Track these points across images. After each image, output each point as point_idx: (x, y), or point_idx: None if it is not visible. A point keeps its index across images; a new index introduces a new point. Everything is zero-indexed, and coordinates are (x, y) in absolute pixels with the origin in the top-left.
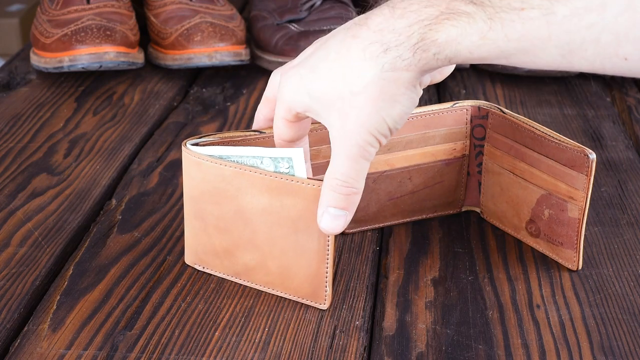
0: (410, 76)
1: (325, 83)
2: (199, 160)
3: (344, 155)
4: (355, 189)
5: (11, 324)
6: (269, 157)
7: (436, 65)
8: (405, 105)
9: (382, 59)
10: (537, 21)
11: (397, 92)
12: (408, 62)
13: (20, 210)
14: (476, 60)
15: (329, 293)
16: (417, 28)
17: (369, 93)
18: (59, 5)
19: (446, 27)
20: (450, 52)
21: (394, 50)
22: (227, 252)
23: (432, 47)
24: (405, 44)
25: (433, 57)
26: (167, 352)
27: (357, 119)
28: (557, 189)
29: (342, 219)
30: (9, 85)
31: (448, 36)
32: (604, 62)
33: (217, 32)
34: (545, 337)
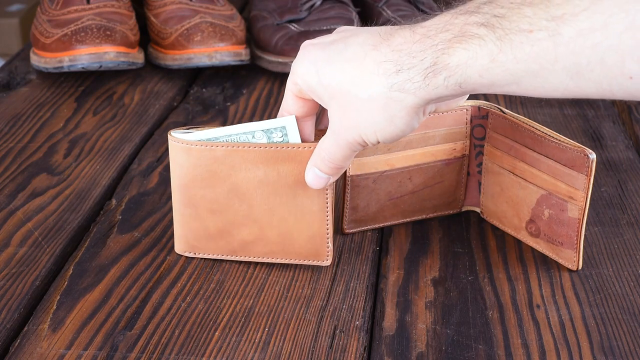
0: (415, 102)
1: (335, 76)
2: (188, 146)
3: (334, 141)
4: (339, 167)
5: (11, 324)
6: (261, 130)
7: (445, 93)
8: (400, 129)
9: (392, 78)
10: (545, 42)
11: (397, 115)
12: (417, 85)
13: (20, 210)
14: (486, 85)
15: (331, 249)
16: (431, 52)
17: (370, 105)
18: (59, 5)
19: (458, 51)
20: (461, 77)
21: (405, 72)
22: (222, 232)
23: (443, 71)
24: (418, 67)
25: (443, 82)
26: (167, 352)
27: (353, 121)
28: (557, 189)
29: (323, 180)
30: (9, 85)
31: (459, 60)
32: (611, 83)
33: (217, 32)
34: (545, 337)
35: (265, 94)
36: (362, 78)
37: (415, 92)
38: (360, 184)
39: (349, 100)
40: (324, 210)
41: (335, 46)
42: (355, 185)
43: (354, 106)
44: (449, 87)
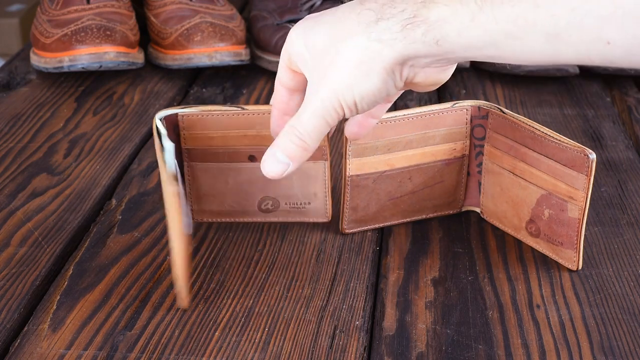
0: (392, 55)
1: (320, 35)
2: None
3: (310, 109)
4: (307, 145)
5: (11, 324)
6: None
7: (422, 50)
8: (375, 86)
9: (371, 27)
10: (525, 4)
11: (374, 68)
12: (395, 36)
13: (20, 210)
14: (464, 46)
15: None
16: (412, 3)
17: (348, 57)
18: (59, 5)
19: (439, 6)
20: (439, 33)
21: (385, 22)
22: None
23: (422, 25)
24: (397, 17)
25: (420, 37)
26: (167, 352)
27: (331, 79)
28: (557, 189)
29: (282, 166)
30: (9, 85)
31: (439, 15)
32: (589, 48)
33: (217, 32)
34: (545, 337)
35: (265, 94)
36: (343, 29)
37: (392, 44)
38: (360, 184)
39: (329, 56)
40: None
41: (327, 10)
42: (355, 185)
43: (333, 61)
44: (426, 42)
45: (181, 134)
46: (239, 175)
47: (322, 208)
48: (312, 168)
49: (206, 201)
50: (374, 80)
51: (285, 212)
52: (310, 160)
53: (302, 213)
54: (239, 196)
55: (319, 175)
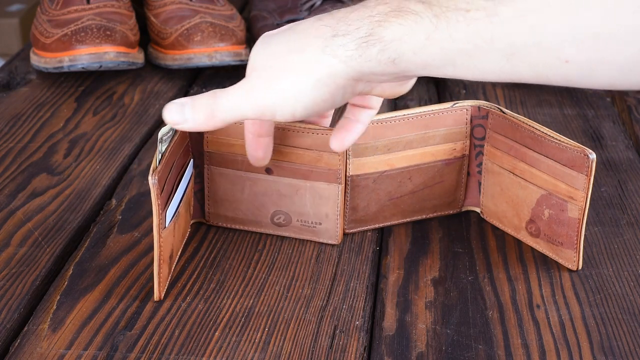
0: (345, 71)
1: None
2: None
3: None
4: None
5: (11, 324)
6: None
7: (377, 68)
8: (321, 98)
9: (327, 41)
10: (481, 22)
11: (323, 81)
12: (350, 53)
13: (20, 210)
14: (420, 65)
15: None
16: (367, 22)
17: (299, 67)
18: (59, 5)
19: (393, 25)
20: (395, 52)
21: (340, 38)
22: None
23: (378, 44)
24: (352, 35)
25: (376, 56)
26: (167, 352)
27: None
28: (557, 189)
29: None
30: (9, 85)
31: (394, 34)
32: (547, 67)
33: (217, 32)
34: (545, 337)
35: None
36: (300, 41)
37: (346, 60)
38: (360, 184)
39: (278, 62)
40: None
41: (288, 26)
42: (355, 185)
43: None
44: (382, 61)
45: (204, 136)
46: (254, 185)
47: (332, 230)
48: (326, 189)
49: (222, 206)
50: (321, 92)
51: (296, 229)
52: (323, 182)
53: (312, 232)
54: (253, 206)
55: (331, 197)
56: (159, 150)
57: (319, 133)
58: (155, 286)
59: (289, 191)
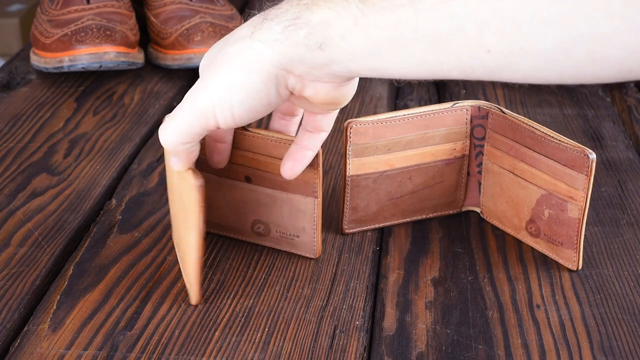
0: (273, 57)
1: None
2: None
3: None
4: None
5: (11, 324)
6: None
7: (305, 55)
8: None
9: (257, 27)
10: (406, 9)
11: (254, 68)
12: (276, 37)
13: (20, 210)
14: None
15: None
16: (295, 5)
17: (232, 58)
18: (59, 5)
19: (322, 9)
20: (321, 36)
21: (268, 22)
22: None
23: (305, 27)
24: (280, 17)
25: (303, 40)
26: (167, 352)
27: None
28: (557, 189)
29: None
30: (9, 85)
31: (322, 17)
32: (471, 56)
33: (217, 32)
34: (545, 337)
35: None
36: (234, 35)
37: (274, 45)
38: (360, 184)
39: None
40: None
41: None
42: (355, 185)
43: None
44: (310, 46)
45: None
46: (235, 192)
47: (310, 243)
48: (302, 203)
49: (210, 212)
50: (254, 80)
51: (276, 239)
52: (300, 195)
53: (291, 244)
54: (234, 213)
55: (307, 210)
56: None
57: None
58: (196, 290)
59: (268, 201)
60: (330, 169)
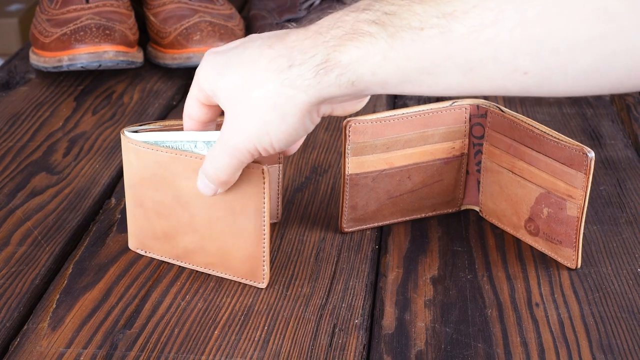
0: (306, 100)
1: (231, 79)
2: (137, 147)
3: (222, 149)
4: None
5: (11, 322)
6: (202, 141)
7: (337, 92)
8: (292, 127)
9: (284, 74)
10: (436, 39)
11: (289, 112)
12: (308, 82)
13: (20, 209)
14: (379, 84)
15: (267, 272)
16: (322, 49)
17: (262, 103)
18: (58, 5)
19: (349, 48)
20: (353, 75)
21: (297, 68)
22: (167, 236)
23: (335, 69)
24: (309, 63)
25: (335, 81)
26: (167, 350)
27: (244, 123)
28: (556, 188)
29: (211, 189)
30: (8, 84)
31: (351, 57)
32: (506, 80)
33: (216, 32)
34: (544, 336)
35: None
36: (255, 76)
37: (306, 89)
38: (360, 183)
39: (241, 101)
40: (261, 231)
41: (235, 51)
42: (355, 184)
43: (246, 106)
44: (342, 85)
45: None
46: None
47: (273, 210)
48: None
49: None
50: (290, 122)
51: None
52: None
53: None
54: None
55: (273, 179)
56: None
57: None
58: (267, 271)
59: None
60: (329, 168)
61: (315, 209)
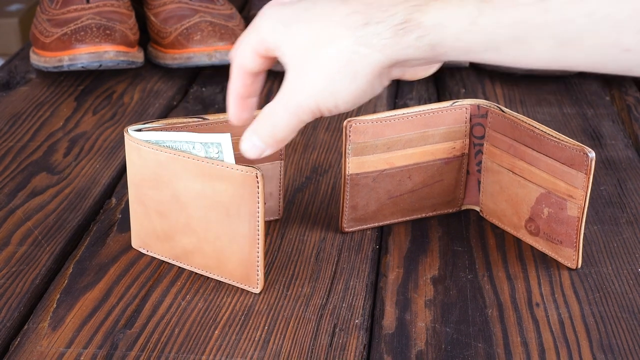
0: (381, 60)
1: (300, 33)
2: (138, 146)
3: (283, 105)
4: (280, 138)
5: (11, 322)
6: (200, 143)
7: (415, 55)
8: (361, 89)
9: (359, 31)
10: (533, 7)
11: (360, 72)
12: (385, 42)
13: (20, 209)
14: (462, 50)
15: (261, 277)
16: (403, 8)
17: (333, 61)
18: (59, 5)
19: (433, 9)
20: (435, 38)
21: (373, 26)
22: (167, 236)
23: (416, 30)
24: (387, 22)
25: (414, 42)
26: (167, 350)
27: (311, 81)
28: (557, 188)
29: (258, 150)
30: (8, 84)
31: (435, 19)
32: (605, 55)
33: (216, 32)
34: (545, 336)
35: (264, 93)
36: (327, 31)
37: (382, 49)
38: (360, 183)
39: (311, 57)
40: (255, 236)
41: (303, 5)
42: (355, 184)
43: (315, 63)
44: (421, 48)
45: None
46: None
47: (275, 206)
48: (270, 169)
49: None
50: (360, 84)
51: None
52: (268, 162)
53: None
54: None
55: (275, 175)
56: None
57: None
58: (261, 276)
59: None
60: (329, 168)
61: (316, 208)
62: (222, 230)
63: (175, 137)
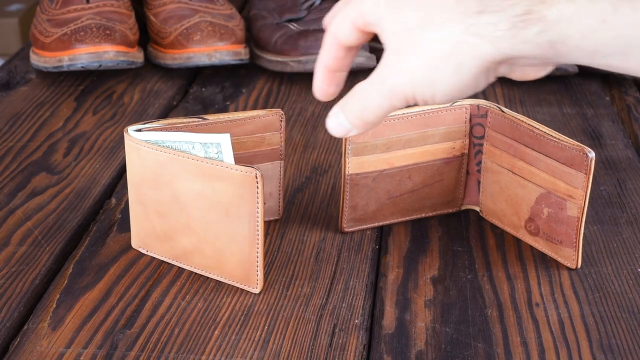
0: (491, 53)
1: (405, 13)
2: (138, 146)
3: (377, 86)
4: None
5: (11, 322)
6: (199, 143)
7: (531, 52)
8: (464, 82)
9: (472, 19)
10: None
11: (466, 64)
12: (500, 34)
13: (20, 209)
14: (586, 51)
15: (260, 277)
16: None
17: (437, 47)
18: (59, 5)
19: (560, 3)
20: (558, 34)
21: (488, 15)
22: (167, 236)
23: (538, 24)
24: (506, 12)
25: (533, 37)
26: (167, 350)
27: (410, 66)
28: (556, 188)
29: (344, 129)
30: (8, 84)
31: (561, 13)
32: None
33: (216, 32)
34: (545, 335)
35: (264, 93)
36: (436, 14)
37: (494, 41)
38: (360, 183)
39: (413, 40)
40: (254, 236)
41: None
42: (355, 184)
43: (417, 47)
44: (540, 44)
45: None
46: None
47: (275, 206)
48: (270, 169)
49: None
50: (464, 77)
51: None
52: (267, 162)
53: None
54: None
55: (275, 175)
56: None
57: (259, 117)
58: (260, 276)
59: None
60: (329, 168)
61: (316, 209)
62: (221, 231)
63: (175, 137)
